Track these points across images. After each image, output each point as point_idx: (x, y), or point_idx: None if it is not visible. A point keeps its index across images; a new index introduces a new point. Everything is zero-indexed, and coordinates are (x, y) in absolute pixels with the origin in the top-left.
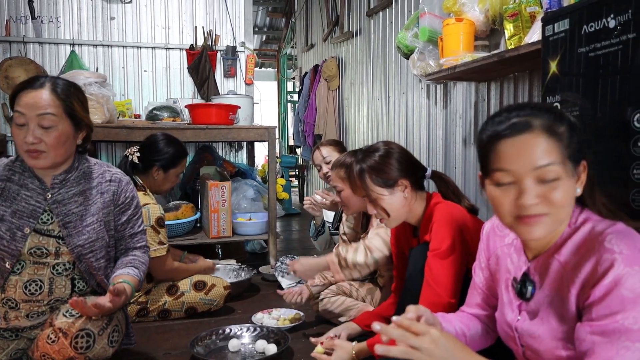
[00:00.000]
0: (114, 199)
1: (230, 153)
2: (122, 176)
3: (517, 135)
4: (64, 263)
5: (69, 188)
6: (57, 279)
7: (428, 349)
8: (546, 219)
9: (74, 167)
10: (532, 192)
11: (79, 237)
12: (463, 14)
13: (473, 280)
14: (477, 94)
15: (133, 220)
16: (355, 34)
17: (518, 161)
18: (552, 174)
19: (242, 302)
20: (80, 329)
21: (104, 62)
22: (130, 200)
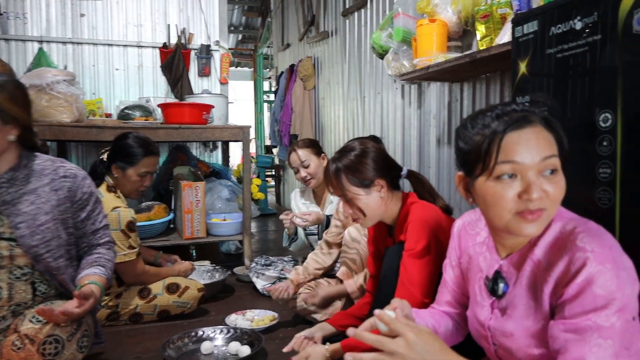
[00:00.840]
0: (70, 195)
1: (204, 153)
2: (78, 171)
3: (523, 128)
4: (20, 267)
5: (18, 187)
6: (16, 284)
7: (403, 354)
8: (544, 214)
9: (21, 165)
10: (537, 185)
11: (33, 238)
12: (436, 14)
13: (443, 278)
14: (450, 94)
15: (93, 216)
16: (330, 34)
17: (526, 152)
18: (554, 165)
19: (216, 304)
20: (48, 335)
21: (73, 59)
22: (89, 195)
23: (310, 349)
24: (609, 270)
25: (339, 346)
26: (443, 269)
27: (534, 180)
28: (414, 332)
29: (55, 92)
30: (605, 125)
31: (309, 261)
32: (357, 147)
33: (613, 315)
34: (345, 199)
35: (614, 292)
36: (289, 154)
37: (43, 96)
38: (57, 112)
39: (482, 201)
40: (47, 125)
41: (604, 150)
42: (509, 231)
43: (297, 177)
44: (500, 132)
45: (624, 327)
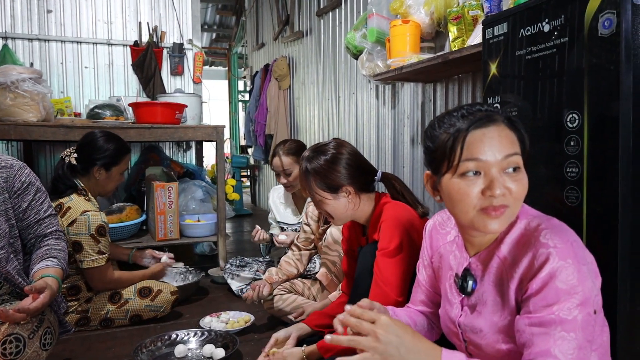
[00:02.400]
0: (7, 186)
1: (178, 153)
2: (14, 162)
3: (487, 126)
4: None
5: None
6: None
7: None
8: (507, 211)
9: None
10: (500, 182)
11: None
12: (409, 15)
13: (417, 278)
14: (423, 95)
15: (36, 206)
16: (305, 34)
17: (489, 150)
18: (516, 163)
19: (190, 306)
20: (7, 334)
21: (40, 57)
22: (28, 185)
23: (287, 352)
24: (570, 265)
25: (315, 348)
26: (417, 269)
27: (497, 177)
28: (388, 317)
29: (20, 90)
30: (572, 125)
31: (282, 263)
32: (330, 150)
33: (575, 309)
34: (313, 200)
35: (575, 286)
36: (272, 156)
37: (8, 94)
38: (22, 111)
39: (448, 198)
40: (12, 124)
41: (572, 150)
42: (474, 227)
43: (278, 180)
44: (464, 130)
45: (585, 321)
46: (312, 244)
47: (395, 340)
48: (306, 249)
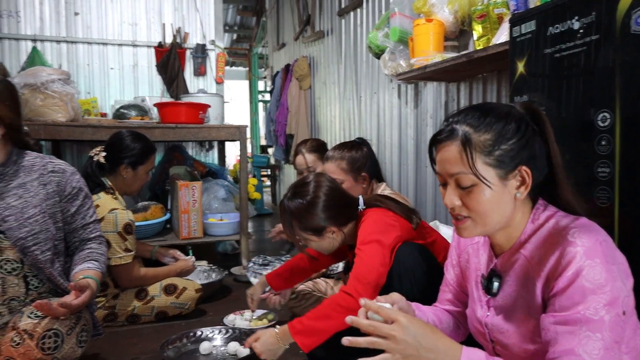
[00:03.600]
0: (59, 190)
1: (200, 153)
2: (67, 167)
3: (442, 142)
4: (10, 260)
5: (7, 182)
6: (8, 278)
7: (397, 337)
8: (469, 222)
9: (10, 161)
10: (450, 195)
11: (20, 230)
12: (433, 14)
13: (445, 278)
14: (447, 94)
15: (83, 211)
16: (326, 34)
17: (440, 166)
18: (465, 181)
19: (213, 304)
20: (47, 329)
21: (67, 58)
22: (78, 190)
23: (260, 332)
24: (597, 264)
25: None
26: (445, 269)
27: (449, 190)
28: (407, 317)
29: (50, 91)
30: (603, 124)
31: None
32: (308, 193)
33: (602, 309)
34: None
35: (602, 285)
36: (296, 155)
37: (38, 95)
38: (52, 112)
39: None
40: (42, 124)
41: (603, 149)
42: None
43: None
44: (430, 142)
45: (613, 321)
46: None
47: (415, 341)
48: None
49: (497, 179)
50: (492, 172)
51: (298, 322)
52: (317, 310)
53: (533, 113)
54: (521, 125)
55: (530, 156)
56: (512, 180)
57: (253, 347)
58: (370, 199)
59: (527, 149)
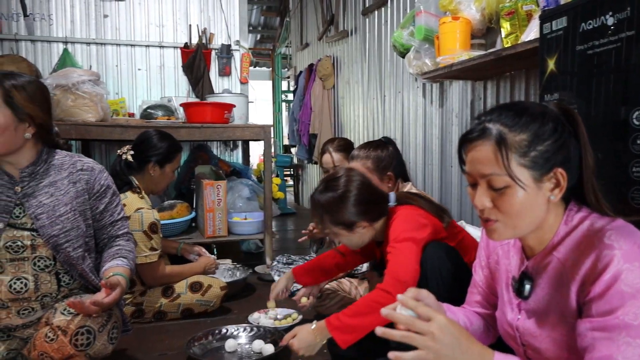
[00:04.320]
0: (88, 187)
1: (225, 152)
2: (95, 165)
3: (473, 141)
4: (42, 257)
5: (38, 180)
6: (41, 275)
7: (434, 335)
8: (499, 224)
9: (41, 160)
10: (480, 197)
11: (53, 228)
12: (459, 12)
13: (473, 279)
14: (473, 93)
15: (111, 208)
16: (350, 33)
17: (470, 166)
18: (498, 182)
19: (238, 302)
20: (80, 326)
21: (97, 60)
22: (106, 188)
23: (297, 328)
24: (636, 268)
25: (322, 324)
26: (473, 270)
27: (479, 191)
28: (438, 328)
29: (80, 91)
30: (639, 123)
31: None
32: (340, 187)
33: None
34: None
35: None
36: (322, 153)
37: (69, 96)
38: (82, 112)
39: None
40: (73, 124)
41: (638, 148)
42: None
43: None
44: (460, 141)
45: None
46: None
47: (451, 342)
48: None
49: (532, 181)
50: (527, 174)
51: (335, 319)
52: (354, 307)
53: (567, 113)
54: (558, 126)
55: (566, 158)
56: (546, 183)
57: (290, 344)
58: (401, 196)
59: (562, 151)
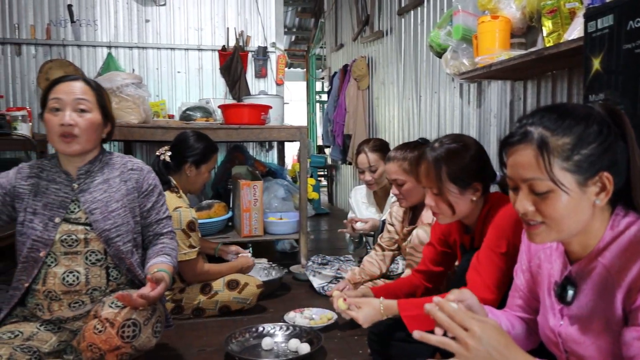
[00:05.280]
0: (137, 186)
1: (260, 153)
2: (143, 165)
3: (514, 145)
4: (94, 251)
5: (93, 178)
6: (92, 269)
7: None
8: (543, 228)
9: (97, 159)
10: (522, 201)
11: (105, 222)
12: (499, 11)
13: (514, 283)
14: (512, 93)
15: (157, 207)
16: (385, 33)
17: (511, 170)
18: (540, 187)
19: (273, 301)
20: (126, 319)
21: (139, 63)
22: (153, 187)
23: (366, 300)
24: None
25: (393, 303)
26: (514, 274)
27: (520, 195)
28: (480, 326)
29: (124, 94)
30: None
31: (365, 263)
32: (457, 140)
33: None
34: (434, 192)
35: None
36: (358, 154)
37: (113, 98)
38: (125, 114)
39: None
40: (117, 126)
41: None
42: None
43: (360, 177)
44: (501, 144)
45: None
46: (395, 244)
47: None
48: (390, 250)
49: (576, 185)
50: (570, 178)
51: (406, 303)
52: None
53: (614, 114)
54: (603, 129)
55: (612, 161)
56: (591, 187)
57: (355, 318)
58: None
59: (608, 154)
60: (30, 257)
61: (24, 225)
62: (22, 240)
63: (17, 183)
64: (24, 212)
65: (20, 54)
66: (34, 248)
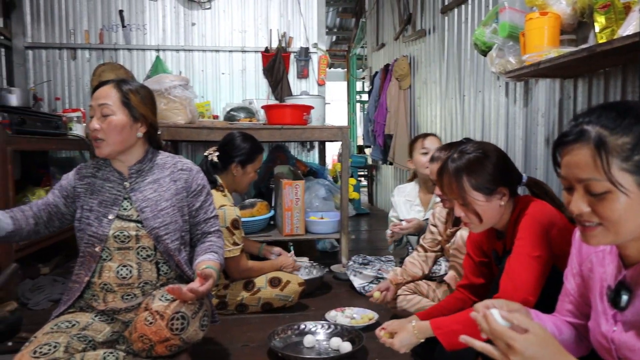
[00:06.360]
0: (187, 186)
1: (302, 153)
2: (193, 166)
3: (569, 144)
4: (145, 247)
5: (144, 177)
6: (143, 264)
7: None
8: (599, 230)
9: (147, 159)
10: (577, 202)
11: (155, 220)
12: (548, 7)
13: (564, 287)
14: (562, 91)
15: (205, 207)
16: (428, 32)
17: (566, 170)
18: (597, 188)
19: (314, 300)
20: (175, 312)
21: (185, 65)
22: (202, 187)
23: (400, 325)
24: None
25: (426, 324)
26: (564, 278)
27: (576, 196)
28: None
29: (172, 96)
30: None
31: (407, 264)
32: (478, 149)
33: None
34: (460, 202)
35: None
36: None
37: (162, 100)
38: (173, 115)
39: None
40: (165, 126)
41: None
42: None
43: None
44: (555, 143)
45: None
46: (438, 245)
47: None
48: (432, 251)
49: (635, 187)
50: (630, 179)
51: (439, 321)
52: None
53: None
54: None
55: None
56: None
57: (390, 345)
58: (533, 181)
59: None
60: (87, 252)
61: (81, 221)
62: (80, 236)
63: (76, 183)
64: (81, 210)
65: (75, 58)
66: (90, 243)
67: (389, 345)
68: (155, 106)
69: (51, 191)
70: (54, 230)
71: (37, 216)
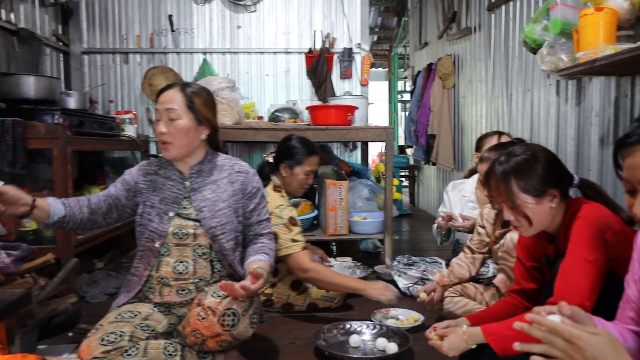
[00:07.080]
0: (243, 188)
1: (345, 153)
2: (249, 168)
3: (632, 145)
4: (201, 245)
5: (203, 178)
6: (199, 261)
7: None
8: None
9: (206, 160)
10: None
11: (212, 220)
12: (603, 2)
13: (625, 293)
14: (618, 90)
15: (259, 209)
16: (473, 30)
17: (629, 172)
18: None
19: (359, 300)
20: (227, 308)
21: (231, 68)
22: (257, 190)
23: (451, 329)
24: None
25: (477, 330)
26: (625, 284)
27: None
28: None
29: (220, 97)
30: None
31: (454, 266)
32: (525, 151)
33: None
34: (509, 205)
35: None
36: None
37: None
38: (221, 116)
39: None
40: None
41: None
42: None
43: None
44: (618, 144)
45: None
46: (486, 247)
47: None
48: (480, 252)
49: None
50: None
51: (491, 327)
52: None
53: None
54: None
55: None
56: None
57: (438, 347)
58: (585, 183)
59: None
60: (146, 246)
61: (142, 217)
62: (141, 231)
63: (138, 179)
64: (142, 205)
65: (127, 62)
66: (150, 238)
67: (437, 347)
68: (216, 108)
69: (113, 184)
70: (111, 222)
71: (96, 206)
